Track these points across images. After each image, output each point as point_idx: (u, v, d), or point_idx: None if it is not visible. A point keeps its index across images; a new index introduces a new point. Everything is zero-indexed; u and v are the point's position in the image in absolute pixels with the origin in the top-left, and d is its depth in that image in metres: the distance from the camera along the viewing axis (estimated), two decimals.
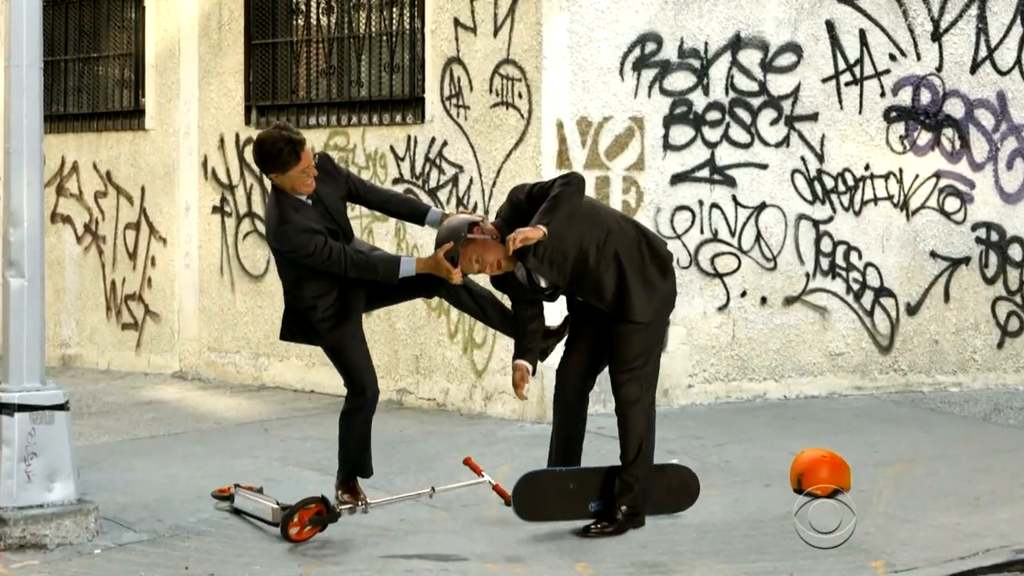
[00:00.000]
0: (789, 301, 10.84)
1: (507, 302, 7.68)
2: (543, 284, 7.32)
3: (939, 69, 11.10)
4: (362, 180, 7.53)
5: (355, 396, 7.47)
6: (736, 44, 10.63)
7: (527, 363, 7.41)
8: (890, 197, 11.06)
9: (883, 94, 10.99)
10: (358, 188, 7.42)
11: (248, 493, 7.85)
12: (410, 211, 7.54)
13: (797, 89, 10.79)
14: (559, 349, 7.68)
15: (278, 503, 7.61)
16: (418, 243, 10.77)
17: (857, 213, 10.99)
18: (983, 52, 11.14)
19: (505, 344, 10.25)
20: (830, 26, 10.81)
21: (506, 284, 7.43)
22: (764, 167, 10.74)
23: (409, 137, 10.97)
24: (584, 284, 7.30)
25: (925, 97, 11.08)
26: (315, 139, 11.55)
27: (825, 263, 10.92)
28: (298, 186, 7.12)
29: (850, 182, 10.96)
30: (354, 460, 7.63)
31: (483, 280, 7.74)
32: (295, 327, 7.46)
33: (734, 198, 10.68)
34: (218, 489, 8.15)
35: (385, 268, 7.22)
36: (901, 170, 11.07)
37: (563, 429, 7.58)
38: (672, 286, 7.44)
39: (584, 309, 7.48)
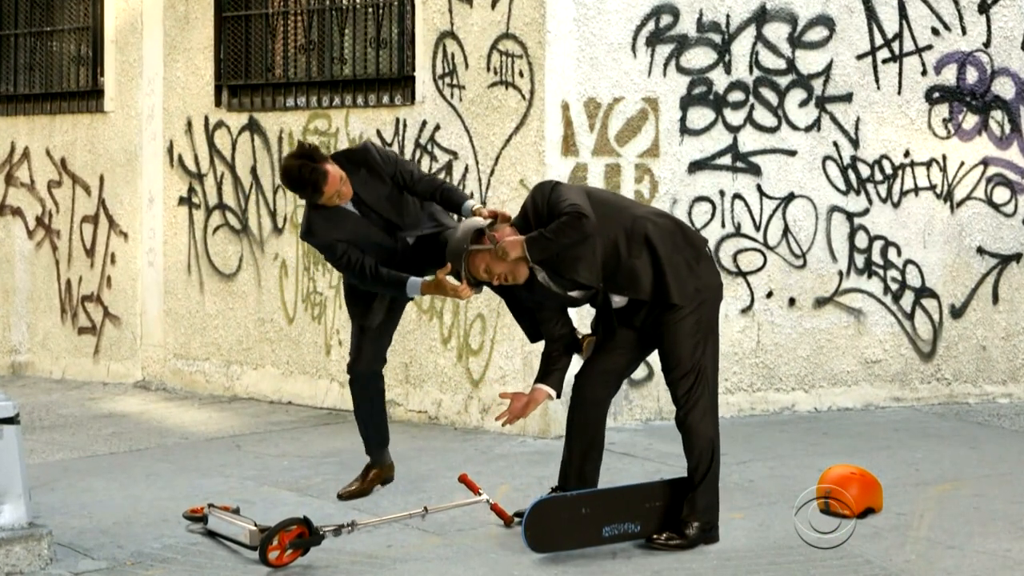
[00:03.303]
0: (820, 303, 10.85)
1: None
2: (577, 282, 7.45)
3: (987, 44, 11.11)
4: (411, 171, 7.86)
5: (349, 354, 8.10)
6: (761, 17, 10.63)
7: (550, 389, 7.60)
8: (932, 187, 11.06)
9: (924, 72, 11.01)
10: (405, 180, 7.80)
11: (223, 514, 7.88)
12: (447, 202, 7.81)
13: (829, 67, 10.80)
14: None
15: (256, 524, 7.63)
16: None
17: (896, 205, 11.00)
18: None
19: (504, 351, 10.25)
20: None
21: (533, 294, 7.54)
22: (792, 154, 10.75)
23: (398, 120, 10.98)
24: (619, 277, 7.45)
25: (971, 76, 11.09)
26: (293, 122, 11.57)
27: (860, 260, 10.93)
28: (329, 204, 7.64)
29: (888, 170, 10.97)
30: (359, 428, 8.26)
31: None
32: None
33: (759, 188, 10.69)
34: (190, 509, 8.19)
35: (392, 285, 7.71)
36: (945, 157, 11.08)
37: (581, 444, 7.65)
38: (710, 276, 7.58)
39: (611, 317, 7.57)
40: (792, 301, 10.78)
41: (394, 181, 7.74)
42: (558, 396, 7.65)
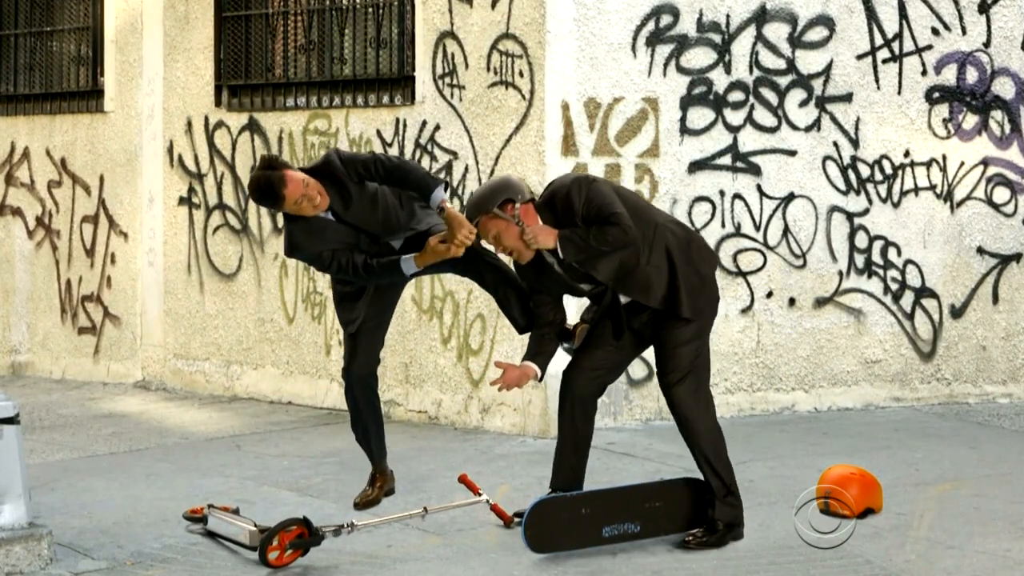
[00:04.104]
0: (820, 303, 10.85)
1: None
2: (590, 276, 7.50)
3: (987, 44, 11.11)
4: (383, 162, 7.59)
5: (344, 358, 7.96)
6: (761, 17, 10.63)
7: (537, 367, 7.56)
8: (932, 187, 11.06)
9: (924, 72, 11.00)
10: (370, 175, 7.58)
11: (223, 514, 7.88)
12: (416, 191, 7.63)
13: (829, 67, 10.79)
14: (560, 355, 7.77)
15: (256, 525, 7.63)
16: None
17: (896, 205, 11.00)
18: None
19: (504, 351, 10.25)
20: None
21: (539, 276, 7.54)
22: (792, 154, 10.75)
23: (398, 120, 10.98)
24: (632, 280, 7.48)
25: (971, 76, 11.09)
26: (293, 122, 11.57)
27: (860, 260, 10.92)
28: (302, 212, 7.50)
29: (888, 170, 10.97)
30: (357, 440, 8.09)
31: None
32: None
33: (759, 188, 10.69)
34: (190, 510, 8.19)
35: (387, 272, 7.60)
36: (945, 157, 11.08)
37: (570, 441, 7.65)
38: (713, 290, 7.67)
39: (620, 316, 7.59)
40: (792, 301, 10.78)
41: (363, 180, 7.58)
42: (541, 379, 7.61)
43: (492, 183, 7.54)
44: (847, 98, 10.83)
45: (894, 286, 10.99)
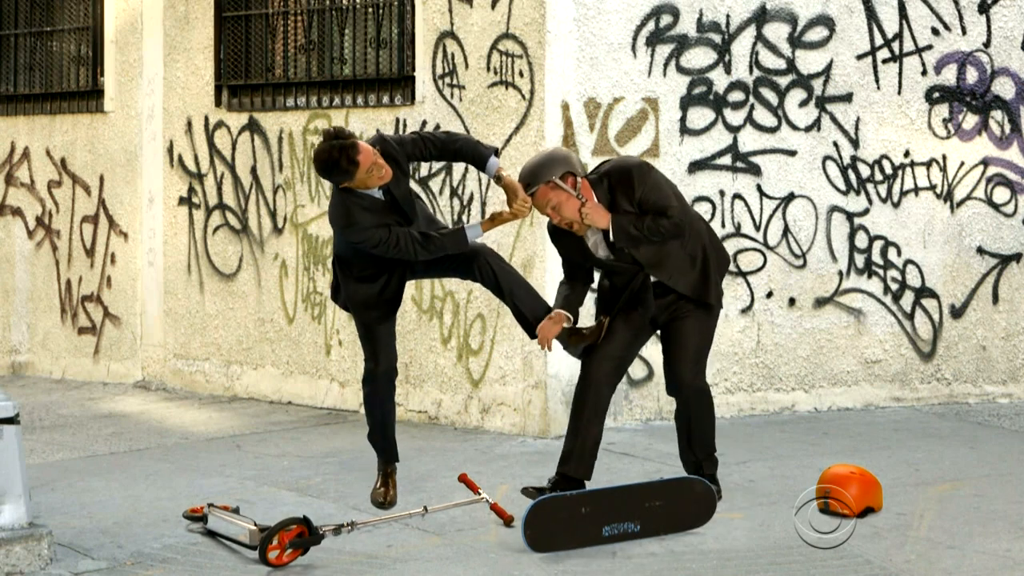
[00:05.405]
0: (820, 303, 10.85)
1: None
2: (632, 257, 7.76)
3: (987, 44, 11.11)
4: (420, 141, 7.75)
5: (367, 361, 8.00)
6: (761, 17, 10.63)
7: (567, 313, 7.79)
8: (932, 187, 11.06)
9: (924, 72, 11.00)
10: (420, 153, 7.74)
11: (223, 513, 7.89)
12: (470, 158, 7.78)
13: (829, 67, 10.80)
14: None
15: (256, 524, 7.63)
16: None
17: (896, 205, 11.00)
18: None
19: (504, 351, 10.26)
20: None
21: (582, 248, 7.79)
22: (792, 154, 10.75)
23: (398, 120, 10.98)
24: (669, 265, 7.77)
25: (971, 76, 11.09)
26: (293, 122, 11.57)
27: (860, 260, 10.93)
28: (370, 184, 7.57)
29: (888, 170, 10.97)
30: (376, 441, 8.13)
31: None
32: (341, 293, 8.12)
33: (759, 188, 10.69)
34: (190, 509, 8.21)
35: (453, 243, 7.71)
36: (945, 157, 11.08)
37: (592, 427, 7.87)
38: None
39: (649, 298, 7.82)
40: (792, 301, 10.78)
41: (411, 161, 7.69)
42: (575, 323, 7.82)
43: (548, 153, 7.81)
44: (847, 98, 10.83)
45: (894, 286, 10.99)
